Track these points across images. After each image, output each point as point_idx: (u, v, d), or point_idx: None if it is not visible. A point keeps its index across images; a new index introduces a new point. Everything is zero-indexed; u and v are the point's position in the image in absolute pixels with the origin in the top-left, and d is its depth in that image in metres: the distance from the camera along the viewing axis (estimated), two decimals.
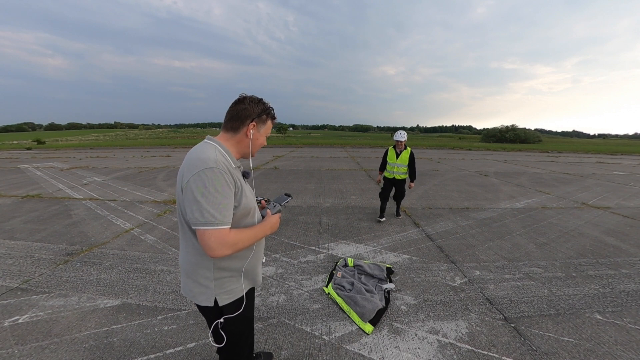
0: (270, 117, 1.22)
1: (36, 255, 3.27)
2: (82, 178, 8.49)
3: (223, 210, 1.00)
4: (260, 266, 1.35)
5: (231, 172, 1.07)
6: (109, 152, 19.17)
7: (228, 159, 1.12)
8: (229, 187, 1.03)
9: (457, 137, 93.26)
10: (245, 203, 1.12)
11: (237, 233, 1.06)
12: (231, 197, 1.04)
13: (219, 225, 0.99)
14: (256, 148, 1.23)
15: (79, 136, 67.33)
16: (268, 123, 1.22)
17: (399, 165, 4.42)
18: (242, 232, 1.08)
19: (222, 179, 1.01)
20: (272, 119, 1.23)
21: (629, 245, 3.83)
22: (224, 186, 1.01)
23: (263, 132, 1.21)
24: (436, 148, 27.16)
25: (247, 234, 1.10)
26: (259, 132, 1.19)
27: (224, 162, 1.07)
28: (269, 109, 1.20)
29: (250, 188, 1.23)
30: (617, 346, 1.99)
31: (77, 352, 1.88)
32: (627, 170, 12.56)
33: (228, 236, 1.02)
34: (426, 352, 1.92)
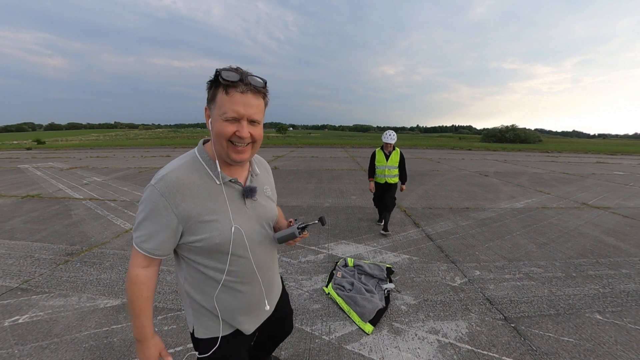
0: (220, 85, 0.77)
1: (36, 255, 3.27)
2: (82, 178, 8.49)
3: (144, 233, 0.83)
4: (253, 315, 1.02)
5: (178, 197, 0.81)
6: (109, 152, 19.17)
7: (206, 174, 0.87)
8: (157, 214, 0.81)
9: (457, 137, 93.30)
10: (211, 237, 0.84)
11: (142, 282, 0.86)
12: (158, 224, 0.81)
13: (136, 246, 0.85)
14: (217, 142, 0.82)
15: (79, 136, 67.36)
16: (219, 97, 0.78)
17: (389, 168, 4.07)
18: (143, 288, 0.87)
19: (152, 201, 0.80)
20: (224, 88, 0.77)
21: (629, 245, 3.83)
22: (152, 209, 0.81)
23: (215, 112, 0.80)
24: (436, 148, 27.16)
25: (136, 295, 0.86)
26: (212, 116, 0.82)
27: (185, 178, 0.83)
28: (214, 76, 0.77)
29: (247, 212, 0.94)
30: (617, 346, 1.99)
31: (77, 352, 1.88)
32: (627, 170, 12.56)
33: (135, 266, 0.86)
34: (426, 352, 1.92)
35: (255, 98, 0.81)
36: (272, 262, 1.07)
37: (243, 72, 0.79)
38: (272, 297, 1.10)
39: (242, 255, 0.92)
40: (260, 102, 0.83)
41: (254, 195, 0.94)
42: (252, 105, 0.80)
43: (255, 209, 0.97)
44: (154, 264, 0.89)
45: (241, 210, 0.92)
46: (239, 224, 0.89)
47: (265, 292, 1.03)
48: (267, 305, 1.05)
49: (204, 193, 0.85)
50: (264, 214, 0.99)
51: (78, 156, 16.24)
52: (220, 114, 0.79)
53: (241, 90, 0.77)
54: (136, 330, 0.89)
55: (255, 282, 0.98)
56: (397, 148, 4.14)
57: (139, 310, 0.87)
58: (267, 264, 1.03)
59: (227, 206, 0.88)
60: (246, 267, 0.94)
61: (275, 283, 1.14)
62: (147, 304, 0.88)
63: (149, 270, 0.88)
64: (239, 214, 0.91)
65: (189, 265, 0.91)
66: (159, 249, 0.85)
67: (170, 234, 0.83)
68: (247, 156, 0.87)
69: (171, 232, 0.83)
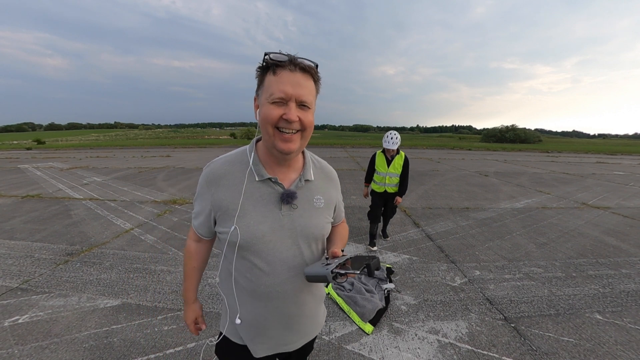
0: (268, 68, 0.73)
1: (36, 255, 3.27)
2: (82, 178, 8.49)
3: (194, 211, 0.91)
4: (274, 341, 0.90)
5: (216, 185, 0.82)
6: (109, 152, 19.17)
7: (244, 165, 0.83)
8: (200, 197, 0.86)
9: (457, 137, 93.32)
10: (233, 233, 0.78)
11: (191, 253, 0.97)
12: (200, 206, 0.87)
13: (192, 221, 0.94)
14: (264, 129, 0.75)
15: (79, 136, 67.39)
16: (266, 79, 0.73)
17: (391, 175, 3.41)
18: (192, 258, 0.97)
19: (200, 184, 0.86)
20: (271, 69, 0.72)
21: (629, 245, 3.83)
22: (199, 191, 0.87)
23: (263, 97, 0.74)
24: (436, 148, 27.15)
25: (185, 262, 0.99)
26: (260, 103, 0.76)
27: (228, 168, 0.83)
28: (264, 59, 0.73)
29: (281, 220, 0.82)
30: (617, 346, 1.99)
31: (77, 352, 1.88)
32: (627, 170, 12.56)
33: (189, 238, 0.97)
34: (426, 352, 1.92)
35: (304, 78, 0.73)
36: (297, 293, 0.86)
37: (292, 55, 0.74)
38: (294, 332, 0.92)
39: (259, 267, 0.81)
40: (310, 84, 0.74)
41: (291, 201, 0.81)
42: (302, 85, 0.72)
43: (292, 218, 0.82)
44: (204, 242, 0.96)
45: (274, 216, 0.80)
46: (263, 230, 0.79)
47: (285, 325, 0.89)
48: (288, 342, 0.92)
49: (239, 187, 0.80)
50: (301, 229, 0.83)
51: (78, 156, 16.23)
52: (267, 97, 0.72)
53: (290, 69, 0.71)
54: (183, 293, 1.01)
55: (270, 306, 0.84)
56: (402, 152, 3.49)
57: (185, 275, 0.99)
58: (290, 292, 0.84)
59: (259, 205, 0.80)
60: (262, 282, 0.82)
61: (306, 323, 0.93)
62: (192, 272, 0.98)
63: (199, 244, 0.96)
64: (269, 220, 0.80)
65: (225, 255, 0.89)
66: (199, 229, 0.91)
67: (208, 218, 0.87)
68: (295, 146, 0.76)
69: (208, 217, 0.86)
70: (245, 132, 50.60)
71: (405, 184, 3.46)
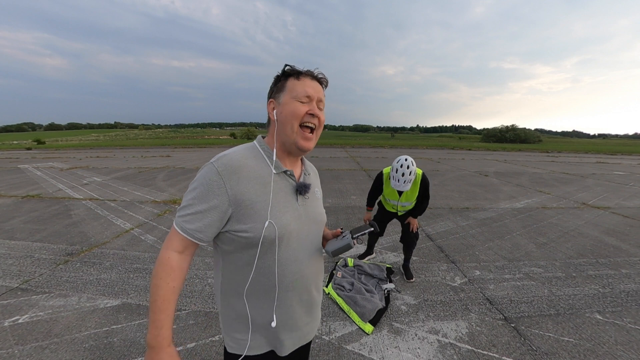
0: (290, 76, 0.85)
1: (36, 255, 3.27)
2: (82, 178, 8.49)
3: (189, 212, 0.77)
4: (293, 334, 0.91)
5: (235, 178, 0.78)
6: (109, 152, 19.17)
7: (263, 162, 0.84)
8: (210, 193, 0.76)
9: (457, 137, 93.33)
10: (260, 227, 0.78)
11: (173, 268, 0.77)
12: (209, 203, 0.76)
13: (176, 226, 0.78)
14: (288, 125, 0.82)
15: (79, 136, 67.38)
16: (289, 83, 0.84)
17: (403, 204, 2.78)
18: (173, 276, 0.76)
19: (208, 178, 0.77)
20: (295, 76, 0.84)
21: (629, 245, 3.83)
22: (205, 187, 0.76)
23: (286, 97, 0.83)
24: (436, 148, 27.16)
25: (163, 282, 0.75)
26: (280, 103, 0.84)
27: (244, 161, 0.81)
28: (284, 71, 0.86)
29: (299, 210, 0.87)
30: (617, 346, 1.99)
31: (77, 352, 1.88)
32: (627, 170, 12.56)
33: (169, 248, 0.78)
34: (426, 352, 1.92)
35: (320, 86, 0.87)
36: (316, 275, 0.95)
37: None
38: (314, 318, 0.98)
39: (286, 257, 0.84)
40: (323, 91, 0.89)
41: (307, 191, 0.89)
42: (320, 90, 0.86)
43: (306, 208, 0.90)
44: (190, 250, 0.80)
45: (293, 206, 0.86)
46: (287, 220, 0.83)
47: (307, 309, 0.94)
48: (308, 330, 0.96)
49: (260, 180, 0.81)
50: (313, 216, 0.92)
51: (78, 156, 16.24)
52: (294, 96, 0.82)
53: (310, 76, 0.85)
54: (152, 331, 0.74)
55: (295, 292, 0.88)
56: (419, 171, 2.65)
57: (161, 302, 0.74)
58: (311, 275, 0.92)
59: (279, 197, 0.83)
60: (289, 271, 0.85)
61: (318, 303, 1.00)
62: (171, 297, 0.76)
63: (182, 256, 0.79)
64: (290, 210, 0.84)
65: (228, 261, 0.84)
66: (202, 232, 0.77)
67: (218, 216, 0.77)
68: (312, 145, 0.87)
69: (219, 215, 0.77)
70: (245, 132, 50.60)
71: (423, 207, 2.79)
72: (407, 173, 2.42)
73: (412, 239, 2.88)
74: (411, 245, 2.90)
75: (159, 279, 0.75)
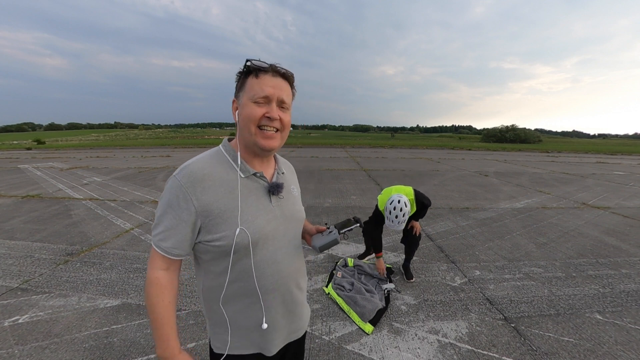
0: (249, 73, 0.79)
1: (36, 255, 3.27)
2: (82, 178, 8.49)
3: (161, 230, 0.76)
4: (278, 334, 0.90)
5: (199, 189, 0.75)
6: (109, 152, 19.17)
7: (229, 167, 0.82)
8: (176, 208, 0.75)
9: (457, 137, 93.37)
10: (232, 235, 0.76)
11: (164, 285, 0.78)
12: (175, 219, 0.75)
13: (154, 245, 0.78)
14: (246, 128, 0.79)
15: (79, 136, 67.37)
16: (248, 82, 0.78)
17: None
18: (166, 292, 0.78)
19: (173, 193, 0.75)
20: (253, 72, 0.78)
21: (629, 245, 3.83)
22: (171, 202, 0.75)
23: (245, 97, 0.78)
24: (436, 148, 27.16)
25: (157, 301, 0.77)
26: (241, 103, 0.79)
27: (208, 169, 0.78)
28: (245, 64, 0.79)
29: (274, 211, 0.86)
30: (617, 346, 1.99)
31: (77, 352, 1.88)
32: (627, 170, 12.56)
33: (155, 268, 0.78)
34: (426, 352, 1.92)
35: (284, 82, 0.81)
36: (297, 274, 0.95)
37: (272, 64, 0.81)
38: (299, 319, 0.97)
39: (263, 260, 0.83)
40: (289, 88, 0.82)
41: (280, 191, 0.87)
42: (282, 88, 0.80)
43: (282, 208, 0.88)
44: (175, 266, 0.81)
45: (266, 208, 0.84)
46: (261, 224, 0.81)
47: (291, 309, 0.92)
48: (295, 329, 0.96)
49: (227, 187, 0.79)
50: (290, 215, 0.91)
51: (78, 156, 16.24)
52: (250, 97, 0.77)
53: (271, 73, 0.78)
54: (160, 345, 0.77)
55: (277, 293, 0.87)
56: (410, 190, 2.63)
57: (162, 319, 0.77)
58: (292, 275, 0.91)
59: (250, 201, 0.81)
60: (268, 273, 0.84)
61: (304, 304, 1.00)
62: (170, 311, 0.78)
63: (170, 272, 0.80)
64: (263, 212, 0.83)
65: (206, 269, 0.84)
66: (177, 247, 0.77)
67: (189, 230, 0.77)
68: (277, 144, 0.82)
69: (190, 228, 0.76)
70: None
71: (424, 213, 2.79)
72: (400, 215, 2.39)
73: (415, 241, 2.85)
74: (414, 247, 2.87)
75: (153, 298, 0.77)
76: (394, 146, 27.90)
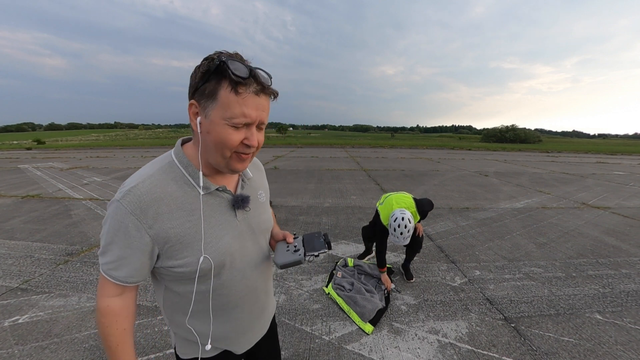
0: (226, 81, 0.61)
1: (36, 255, 3.27)
2: (82, 178, 8.49)
3: (112, 259, 0.67)
4: (246, 337, 0.90)
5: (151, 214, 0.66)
6: (109, 152, 19.17)
7: (185, 183, 0.71)
8: (127, 237, 0.65)
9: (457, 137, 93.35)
10: (196, 261, 0.70)
11: (117, 313, 0.70)
12: (125, 249, 0.66)
13: (105, 274, 0.68)
14: (213, 152, 0.67)
15: (79, 136, 67.36)
16: (223, 95, 0.61)
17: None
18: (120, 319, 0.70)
19: (120, 221, 0.64)
20: (231, 84, 0.61)
21: (629, 245, 3.83)
22: (119, 231, 0.65)
23: (217, 114, 0.62)
24: (436, 148, 27.16)
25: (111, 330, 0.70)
26: (207, 118, 0.63)
27: (159, 190, 0.67)
28: (216, 65, 0.60)
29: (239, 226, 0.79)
30: (617, 346, 1.99)
31: (77, 352, 1.88)
32: (627, 170, 12.56)
33: (105, 296, 0.69)
34: (426, 352, 1.92)
35: (267, 99, 0.67)
36: (265, 282, 0.93)
37: (248, 63, 0.64)
38: (265, 319, 0.98)
39: (230, 278, 0.78)
40: (269, 103, 0.69)
41: (246, 205, 0.79)
42: (265, 108, 0.67)
43: (248, 221, 0.82)
44: (129, 290, 0.72)
45: (231, 224, 0.77)
46: (227, 243, 0.75)
47: (258, 315, 0.91)
48: (261, 327, 0.95)
49: (185, 208, 0.69)
50: (257, 227, 0.85)
51: (78, 156, 16.23)
52: (226, 118, 0.62)
53: (254, 90, 0.63)
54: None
55: (245, 306, 0.84)
56: (411, 201, 2.57)
57: (116, 346, 0.70)
58: (260, 285, 0.89)
59: (213, 219, 0.73)
60: (235, 290, 0.80)
61: (270, 303, 1.00)
62: (125, 337, 0.71)
63: (123, 298, 0.71)
64: (228, 230, 0.76)
65: (167, 289, 0.77)
66: (133, 276, 0.69)
67: (146, 257, 0.68)
68: (249, 164, 0.75)
69: (146, 256, 0.68)
70: None
71: (424, 216, 2.65)
72: (405, 231, 2.31)
73: (418, 242, 2.82)
74: (417, 248, 2.84)
75: (106, 328, 0.70)
76: (394, 146, 27.90)
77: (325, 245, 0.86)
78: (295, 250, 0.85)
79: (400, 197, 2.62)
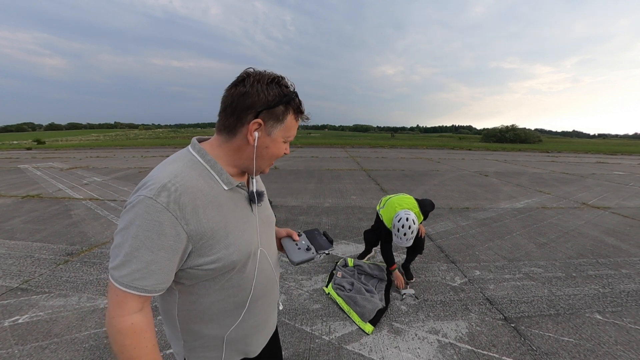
0: (292, 109, 0.74)
1: (36, 255, 3.27)
2: (82, 178, 8.49)
3: (139, 267, 0.62)
4: (262, 333, 0.92)
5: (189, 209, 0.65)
6: (109, 152, 19.17)
7: (211, 179, 0.73)
8: (161, 237, 0.62)
9: (457, 137, 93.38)
10: (228, 254, 0.71)
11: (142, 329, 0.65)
12: (161, 254, 0.63)
13: (125, 287, 0.62)
14: (266, 161, 0.78)
15: (79, 136, 67.38)
16: (288, 120, 0.74)
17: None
18: (147, 335, 0.66)
19: (153, 220, 0.61)
20: (296, 114, 0.76)
21: (629, 245, 3.83)
22: (151, 231, 0.62)
23: (279, 135, 0.75)
24: (436, 148, 27.14)
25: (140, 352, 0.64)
26: (270, 135, 0.73)
27: (193, 185, 0.68)
28: (288, 95, 0.72)
29: (256, 220, 0.83)
30: (617, 346, 1.99)
31: (77, 352, 1.88)
32: (627, 170, 12.56)
33: (126, 314, 0.63)
34: (426, 352, 1.92)
35: None
36: (277, 273, 0.97)
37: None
38: (276, 313, 1.02)
39: (253, 270, 0.81)
40: None
41: (261, 199, 0.84)
42: None
43: (261, 215, 0.86)
44: (147, 303, 0.67)
45: (249, 218, 0.81)
46: (250, 236, 0.79)
47: (273, 306, 0.96)
48: (273, 322, 0.99)
49: (214, 203, 0.71)
50: (267, 221, 0.91)
51: (78, 156, 16.23)
52: (284, 137, 0.77)
53: (301, 119, 0.80)
54: None
55: (266, 298, 0.88)
56: (414, 201, 2.61)
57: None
58: (276, 276, 0.93)
59: (235, 214, 0.76)
60: (257, 282, 0.82)
61: (278, 295, 1.04)
62: (155, 354, 0.68)
63: (144, 313, 0.66)
64: (248, 224, 0.80)
65: (183, 294, 0.75)
66: (162, 282, 0.65)
67: (177, 258, 0.66)
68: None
69: (178, 256, 0.66)
70: None
71: (425, 217, 2.70)
72: (409, 233, 2.32)
73: (420, 244, 2.79)
74: (419, 249, 2.81)
75: (133, 350, 0.63)
76: (394, 146, 27.90)
77: (329, 242, 0.95)
78: (307, 248, 0.94)
79: (402, 199, 2.63)
